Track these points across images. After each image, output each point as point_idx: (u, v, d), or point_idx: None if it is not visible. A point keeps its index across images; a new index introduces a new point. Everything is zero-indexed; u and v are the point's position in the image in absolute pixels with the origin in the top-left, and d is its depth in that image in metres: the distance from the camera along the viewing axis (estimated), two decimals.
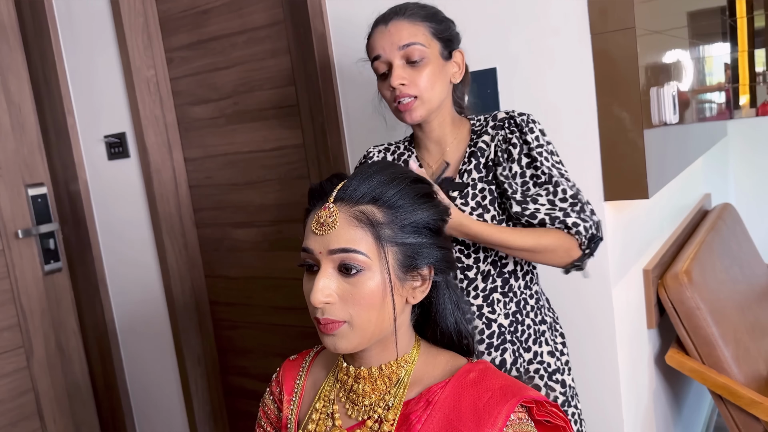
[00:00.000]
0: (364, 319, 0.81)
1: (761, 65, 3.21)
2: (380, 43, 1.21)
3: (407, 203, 0.83)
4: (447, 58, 1.23)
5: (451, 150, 1.27)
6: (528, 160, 1.20)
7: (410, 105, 1.20)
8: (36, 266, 2.12)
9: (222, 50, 2.04)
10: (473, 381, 0.83)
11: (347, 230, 0.81)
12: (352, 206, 0.82)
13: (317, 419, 0.90)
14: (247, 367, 2.29)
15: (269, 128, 2.01)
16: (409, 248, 0.83)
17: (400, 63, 1.19)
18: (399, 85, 1.19)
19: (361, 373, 0.87)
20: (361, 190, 0.82)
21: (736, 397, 1.74)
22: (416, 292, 0.85)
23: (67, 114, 2.28)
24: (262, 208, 2.10)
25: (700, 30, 2.42)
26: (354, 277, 0.80)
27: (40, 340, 2.11)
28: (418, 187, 0.86)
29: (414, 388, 0.86)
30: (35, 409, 2.10)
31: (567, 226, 1.15)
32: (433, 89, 1.20)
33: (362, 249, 0.80)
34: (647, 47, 1.51)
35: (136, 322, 2.37)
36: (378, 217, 0.81)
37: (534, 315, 1.27)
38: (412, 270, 0.84)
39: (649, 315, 1.86)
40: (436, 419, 0.81)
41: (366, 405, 0.87)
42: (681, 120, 1.81)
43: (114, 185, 2.29)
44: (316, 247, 0.82)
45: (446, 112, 1.27)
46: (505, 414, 0.78)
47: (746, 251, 2.51)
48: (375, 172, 0.84)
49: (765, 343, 2.07)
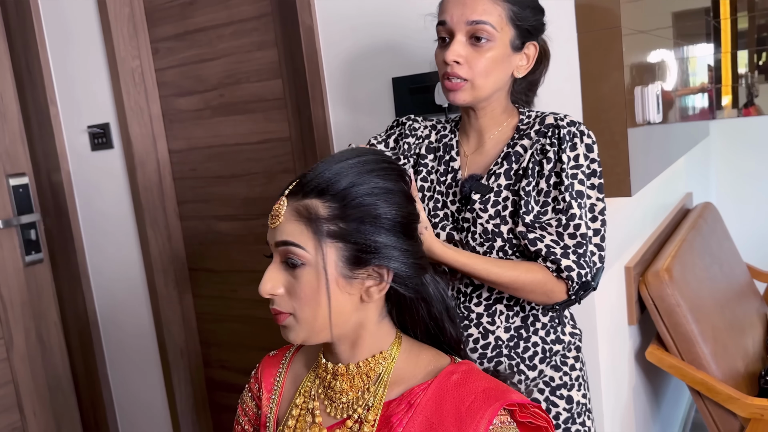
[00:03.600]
0: (306, 314, 0.81)
1: (743, 66, 3.26)
2: (451, 9, 1.09)
3: (358, 198, 0.80)
4: (518, 48, 1.12)
5: (490, 144, 1.18)
6: (556, 180, 1.10)
7: (458, 86, 1.10)
8: (17, 257, 2.10)
9: (208, 42, 2.03)
10: (456, 383, 0.81)
11: (289, 224, 0.81)
12: (299, 200, 0.81)
13: (297, 415, 0.89)
14: (231, 361, 2.28)
15: (255, 121, 2.01)
16: (357, 245, 0.80)
17: (462, 39, 1.09)
18: (453, 62, 1.09)
19: (339, 369, 0.86)
20: (312, 184, 0.80)
21: (713, 392, 1.77)
22: (371, 291, 0.82)
23: (50, 103, 2.25)
24: (248, 202, 2.09)
25: (684, 30, 2.45)
26: (296, 271, 0.80)
27: (21, 331, 2.09)
28: (377, 181, 0.82)
29: (395, 388, 0.84)
30: (15, 402, 2.08)
31: (559, 268, 1.06)
32: (488, 77, 1.10)
33: (301, 243, 0.79)
34: (632, 46, 1.53)
35: (118, 315, 2.35)
36: (320, 212, 0.79)
37: (545, 333, 1.18)
38: (360, 268, 0.81)
39: (630, 312, 1.88)
40: (417, 422, 0.79)
41: (344, 402, 0.86)
42: (664, 119, 1.83)
43: (97, 176, 2.27)
44: (269, 239, 0.84)
45: (496, 104, 1.17)
46: (487, 419, 0.77)
47: (726, 250, 2.55)
48: (336, 162, 0.82)
49: (743, 340, 2.11)
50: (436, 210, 1.20)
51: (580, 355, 1.23)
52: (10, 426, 2.06)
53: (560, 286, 1.08)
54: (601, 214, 1.13)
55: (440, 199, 1.20)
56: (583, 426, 1.20)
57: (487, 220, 1.12)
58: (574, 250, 1.07)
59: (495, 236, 1.12)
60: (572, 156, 1.09)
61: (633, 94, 1.52)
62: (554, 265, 1.07)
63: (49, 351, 2.19)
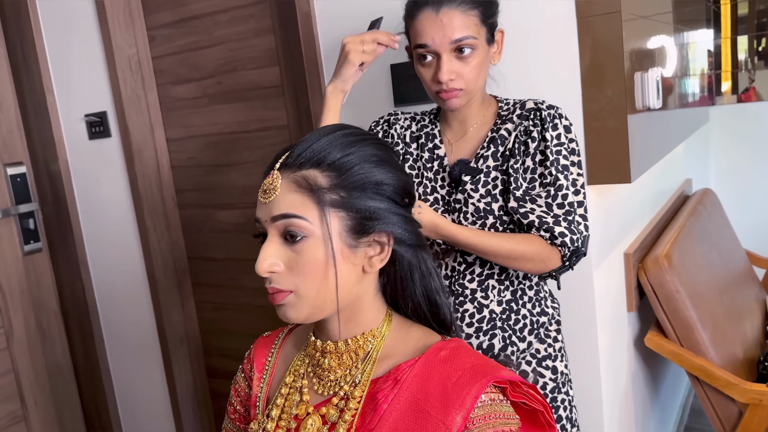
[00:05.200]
0: (309, 289, 0.78)
1: (743, 52, 3.24)
2: (429, 32, 1.15)
3: (356, 166, 0.79)
4: (491, 42, 1.21)
5: (473, 131, 1.26)
6: (542, 157, 1.19)
7: (454, 95, 1.18)
8: (15, 246, 2.09)
9: (205, 29, 2.02)
10: (443, 359, 0.79)
11: (288, 195, 0.78)
12: (295, 171, 0.78)
13: (286, 394, 0.88)
14: (230, 349, 2.29)
15: (253, 109, 2.00)
16: (359, 213, 0.78)
17: (449, 57, 1.15)
18: (448, 81, 1.16)
19: (327, 347, 0.85)
20: (306, 155, 0.78)
21: (712, 378, 1.77)
22: (373, 261, 0.81)
23: (47, 92, 2.24)
24: (246, 190, 2.08)
25: (684, 16, 2.43)
26: (298, 245, 0.77)
27: (20, 320, 2.09)
28: (372, 149, 0.81)
29: (382, 364, 0.82)
30: (16, 390, 2.08)
31: (553, 236, 1.14)
32: (478, 80, 1.19)
33: (303, 214, 0.77)
34: (632, 32, 1.52)
35: (117, 303, 2.36)
36: (320, 181, 0.77)
37: (531, 306, 1.27)
38: (364, 236, 0.79)
39: (629, 298, 1.88)
40: (403, 399, 0.77)
41: (332, 380, 0.84)
42: (664, 105, 1.82)
43: (95, 165, 2.27)
44: (262, 215, 0.80)
45: (478, 95, 1.25)
46: (474, 394, 0.74)
47: (725, 236, 2.55)
48: (324, 134, 0.80)
49: (741, 326, 2.11)
50: (426, 195, 1.27)
51: (560, 328, 1.33)
52: (11, 414, 2.07)
53: (555, 253, 1.16)
54: (582, 188, 1.21)
55: (429, 185, 1.27)
56: (567, 395, 1.29)
57: (478, 200, 1.20)
58: (564, 218, 1.16)
59: (487, 214, 1.20)
60: (555, 135, 1.18)
61: (633, 79, 1.52)
62: (548, 233, 1.15)
63: (49, 340, 2.19)
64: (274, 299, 0.80)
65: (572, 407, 1.30)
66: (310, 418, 0.84)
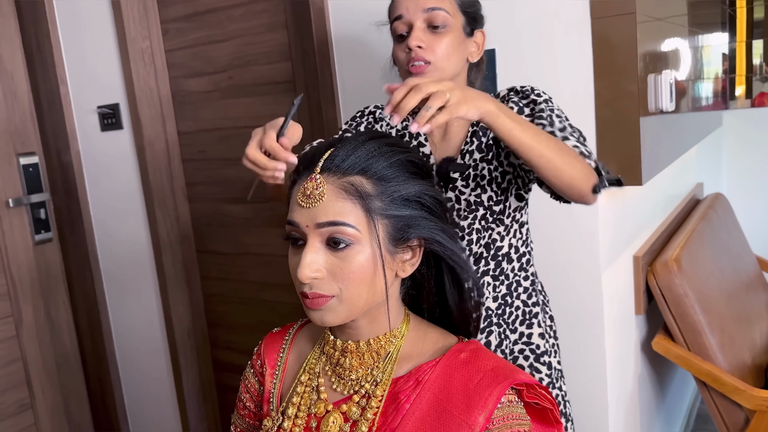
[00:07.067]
0: (353, 294, 0.79)
1: (758, 57, 3.21)
2: (405, 3, 1.17)
3: (398, 175, 0.80)
4: (469, 34, 1.21)
5: (454, 129, 1.25)
6: (530, 108, 1.18)
7: (422, 69, 1.17)
8: (26, 236, 2.11)
9: (218, 23, 2.02)
10: (464, 361, 0.81)
11: (335, 202, 0.77)
12: (340, 177, 0.78)
13: (302, 392, 0.89)
14: (237, 343, 2.29)
15: (264, 104, 2.00)
16: (400, 220, 0.80)
17: (422, 26, 1.16)
18: (416, 47, 1.16)
19: (348, 346, 0.86)
20: (350, 161, 0.78)
21: (720, 384, 1.76)
22: (406, 266, 0.83)
23: (60, 83, 2.25)
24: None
25: (699, 19, 2.41)
26: (343, 251, 0.77)
27: (30, 309, 2.11)
28: (409, 158, 0.83)
29: (403, 364, 0.84)
30: (24, 378, 2.10)
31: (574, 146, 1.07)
32: (449, 60, 1.17)
33: (352, 222, 0.77)
34: (647, 34, 1.51)
35: (126, 294, 2.37)
36: (367, 188, 0.78)
37: (527, 297, 1.27)
38: (402, 243, 0.81)
39: (638, 301, 1.88)
40: (425, 399, 0.80)
41: (353, 379, 0.85)
42: (677, 108, 1.81)
43: (106, 156, 2.28)
44: (303, 220, 0.79)
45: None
46: (496, 396, 0.77)
47: (736, 241, 2.53)
48: (364, 141, 0.81)
49: (750, 332, 2.10)
50: None
51: (553, 324, 1.33)
52: (19, 402, 2.09)
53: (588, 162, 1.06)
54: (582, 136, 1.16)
55: None
56: (561, 390, 1.30)
57: (469, 194, 1.20)
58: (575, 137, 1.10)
59: (477, 206, 1.20)
60: (541, 100, 1.17)
61: (646, 82, 1.51)
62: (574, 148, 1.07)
63: (58, 329, 2.21)
64: (313, 304, 0.80)
65: (566, 402, 1.32)
66: (331, 416, 0.85)
